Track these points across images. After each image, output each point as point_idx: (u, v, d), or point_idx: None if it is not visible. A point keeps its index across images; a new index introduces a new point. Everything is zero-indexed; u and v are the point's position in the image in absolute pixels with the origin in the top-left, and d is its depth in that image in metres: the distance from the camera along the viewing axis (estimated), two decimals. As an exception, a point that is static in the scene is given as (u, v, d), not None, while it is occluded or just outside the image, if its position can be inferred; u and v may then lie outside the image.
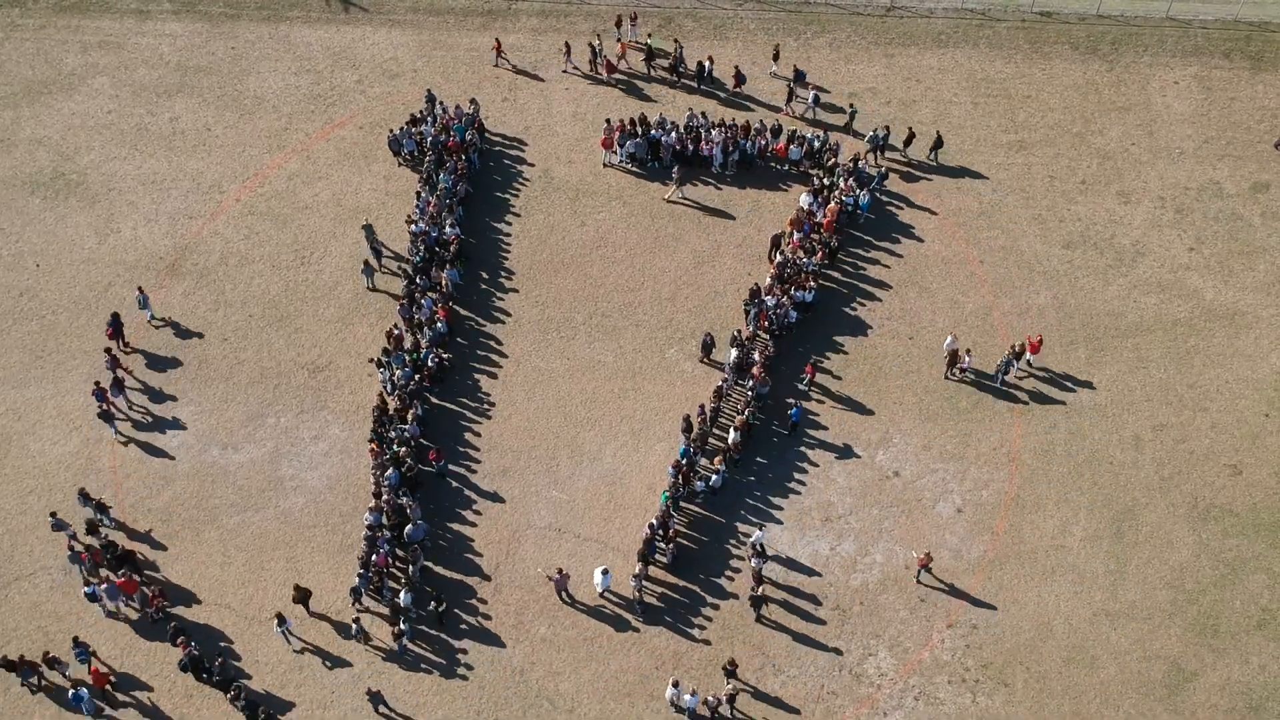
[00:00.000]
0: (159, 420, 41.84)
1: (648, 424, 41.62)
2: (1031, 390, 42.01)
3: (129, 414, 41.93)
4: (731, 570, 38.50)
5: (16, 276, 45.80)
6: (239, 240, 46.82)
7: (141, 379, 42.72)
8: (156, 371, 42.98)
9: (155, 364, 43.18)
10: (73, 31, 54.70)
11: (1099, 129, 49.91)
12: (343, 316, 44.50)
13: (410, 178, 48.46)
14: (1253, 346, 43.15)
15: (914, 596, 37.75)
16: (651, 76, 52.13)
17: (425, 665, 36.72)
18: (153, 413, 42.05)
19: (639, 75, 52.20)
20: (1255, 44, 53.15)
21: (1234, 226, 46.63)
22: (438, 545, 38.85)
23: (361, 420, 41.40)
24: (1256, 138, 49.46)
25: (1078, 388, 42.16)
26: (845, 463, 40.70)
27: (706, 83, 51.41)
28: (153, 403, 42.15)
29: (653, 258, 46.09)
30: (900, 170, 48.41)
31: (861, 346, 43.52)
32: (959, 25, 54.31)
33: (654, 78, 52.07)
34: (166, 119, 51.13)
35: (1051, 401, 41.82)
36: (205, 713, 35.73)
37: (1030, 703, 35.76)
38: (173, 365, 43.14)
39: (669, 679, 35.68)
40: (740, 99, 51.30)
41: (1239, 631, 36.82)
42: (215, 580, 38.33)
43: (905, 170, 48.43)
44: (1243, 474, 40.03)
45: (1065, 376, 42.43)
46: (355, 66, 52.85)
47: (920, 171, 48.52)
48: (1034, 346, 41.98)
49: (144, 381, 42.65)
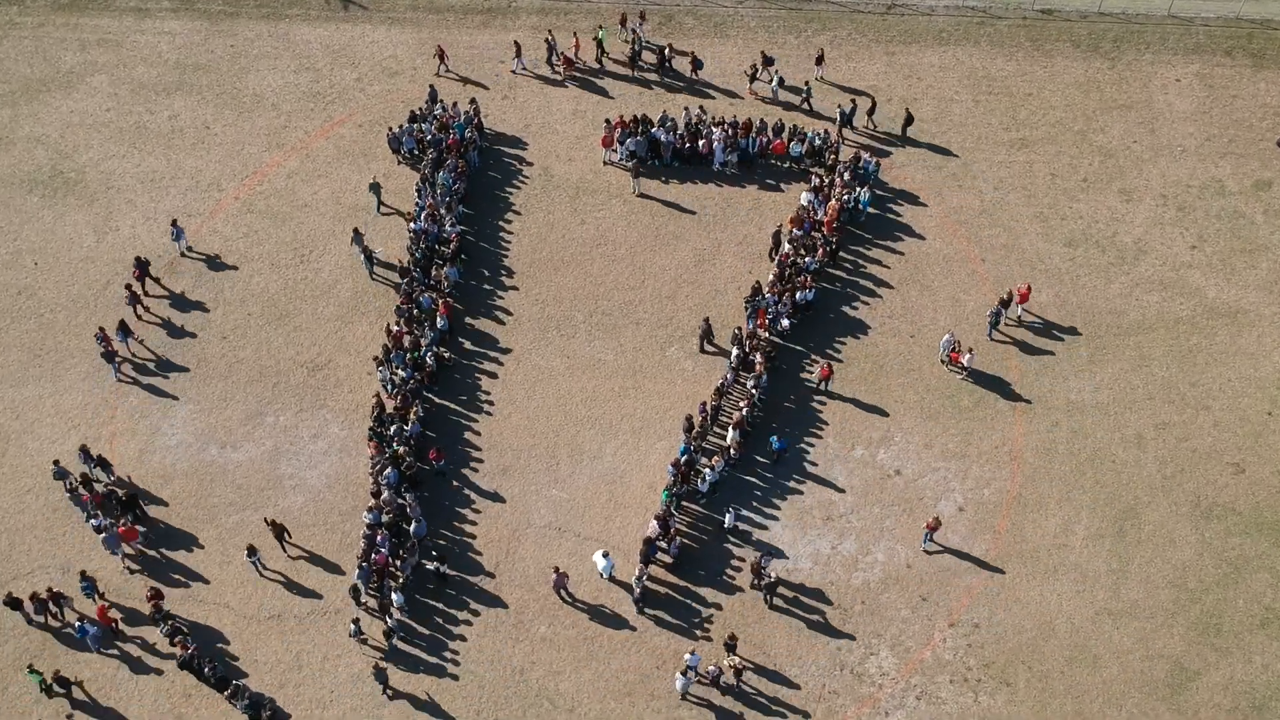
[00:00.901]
0: (163, 362, 42.53)
1: (648, 422, 41.47)
2: (1022, 341, 41.88)
3: (131, 358, 42.48)
4: (732, 569, 38.35)
5: (15, 275, 45.66)
6: (238, 238, 46.67)
7: (140, 378, 42.61)
8: (155, 370, 42.84)
9: (156, 364, 43.02)
10: (71, 29, 54.55)
11: (1101, 127, 49.77)
12: (342, 315, 44.35)
13: (410, 175, 48.29)
14: (1255, 345, 43.00)
15: (915, 595, 37.61)
16: (604, 71, 51.96)
17: (425, 664, 36.57)
18: (157, 355, 42.89)
19: (605, 72, 51.99)
20: (1257, 41, 53.02)
21: (1236, 224, 46.48)
22: (437, 544, 38.67)
23: (361, 419, 41.25)
24: (1259, 135, 49.32)
25: (1080, 386, 42.02)
26: (846, 461, 40.55)
27: (668, 73, 51.56)
28: (151, 401, 42.03)
29: (653, 256, 45.95)
30: (869, 145, 48.78)
31: (863, 345, 43.38)
32: (960, 23, 54.17)
33: (607, 72, 51.92)
34: (165, 117, 50.98)
35: (1053, 400, 41.68)
36: (204, 712, 35.59)
37: (1032, 702, 35.61)
38: (171, 363, 42.99)
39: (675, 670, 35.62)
40: (700, 85, 51.34)
41: (1242, 631, 36.68)
42: (214, 579, 38.17)
43: (876, 145, 48.76)
44: (1245, 472, 39.88)
45: (1067, 375, 42.28)
46: (354, 64, 52.70)
47: (891, 145, 48.88)
48: (1023, 295, 42.42)
49: (142, 381, 42.55)
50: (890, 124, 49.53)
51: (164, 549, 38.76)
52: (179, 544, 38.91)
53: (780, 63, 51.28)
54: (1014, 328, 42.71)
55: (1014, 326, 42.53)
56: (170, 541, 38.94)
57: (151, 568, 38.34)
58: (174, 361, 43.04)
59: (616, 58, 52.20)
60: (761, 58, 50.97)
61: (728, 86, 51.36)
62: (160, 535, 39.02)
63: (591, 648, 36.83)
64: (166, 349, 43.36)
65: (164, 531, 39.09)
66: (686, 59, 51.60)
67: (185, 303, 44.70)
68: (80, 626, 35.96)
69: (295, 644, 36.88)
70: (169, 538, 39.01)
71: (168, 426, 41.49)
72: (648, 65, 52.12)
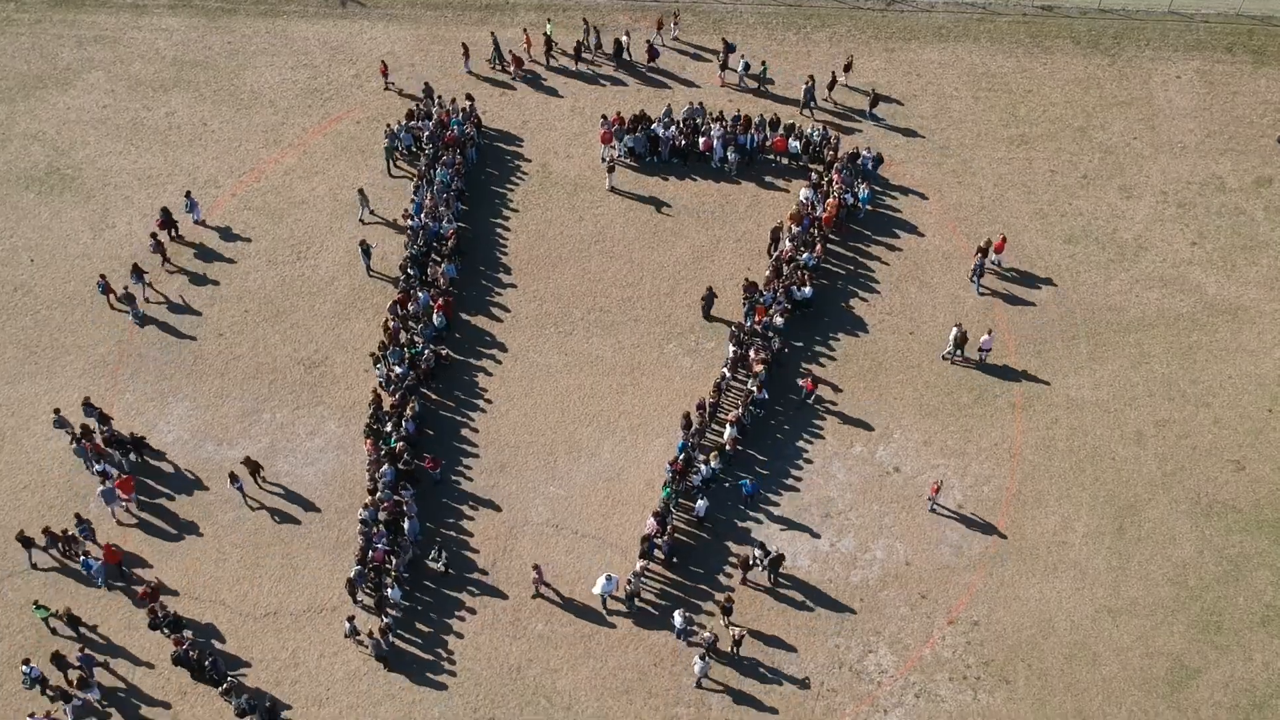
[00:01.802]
0: (160, 358, 42.85)
1: (646, 419, 41.33)
2: (1021, 338, 41.77)
3: (146, 298, 43.70)
4: (730, 567, 38.21)
5: (11, 272, 45.52)
6: (235, 235, 46.50)
7: (140, 379, 42.48)
8: (153, 369, 42.70)
9: (152, 361, 42.90)
10: (68, 26, 54.43)
11: (1101, 123, 49.62)
12: (339, 312, 44.21)
13: (395, 185, 48.12)
14: (1256, 341, 42.85)
15: (914, 593, 37.47)
16: (551, 67, 51.89)
17: (422, 661, 36.43)
18: (170, 299, 43.58)
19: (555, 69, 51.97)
20: (1258, 38, 52.87)
21: (1236, 221, 46.34)
22: (433, 540, 38.53)
23: (358, 416, 41.11)
24: (1259, 132, 49.17)
25: (1080, 383, 41.87)
26: (845, 458, 40.40)
27: (624, 65, 51.61)
28: (148, 398, 41.90)
29: (651, 253, 45.81)
30: (835, 122, 49.34)
31: (861, 341, 43.23)
32: (960, 19, 54.03)
33: (554, 68, 51.86)
34: (162, 114, 50.85)
35: (1053, 397, 41.53)
36: (199, 710, 35.45)
37: (1032, 700, 35.46)
38: (168, 361, 42.85)
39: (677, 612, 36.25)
40: (656, 74, 51.38)
41: (1242, 628, 36.52)
42: (210, 577, 38.04)
43: (842, 123, 49.34)
44: (1246, 470, 39.73)
45: (1067, 371, 42.14)
46: (352, 61, 52.56)
47: (856, 121, 49.45)
48: (998, 246, 43.67)
49: (140, 377, 42.44)
50: (857, 100, 49.96)
51: (164, 544, 38.65)
52: (175, 540, 38.77)
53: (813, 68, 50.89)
54: (1020, 330, 42.54)
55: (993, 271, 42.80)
56: (166, 538, 38.81)
57: (144, 526, 38.96)
58: (171, 358, 42.89)
59: (567, 50, 52.02)
60: (723, 44, 51.04)
61: (686, 76, 51.60)
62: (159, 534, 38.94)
63: (589, 645, 36.68)
64: (163, 345, 43.21)
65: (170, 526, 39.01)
66: (644, 48, 51.59)
67: (182, 300, 44.56)
68: (85, 560, 37.07)
69: (291, 641, 36.75)
70: (164, 536, 38.90)
71: (164, 423, 41.35)
72: (603, 58, 52.08)
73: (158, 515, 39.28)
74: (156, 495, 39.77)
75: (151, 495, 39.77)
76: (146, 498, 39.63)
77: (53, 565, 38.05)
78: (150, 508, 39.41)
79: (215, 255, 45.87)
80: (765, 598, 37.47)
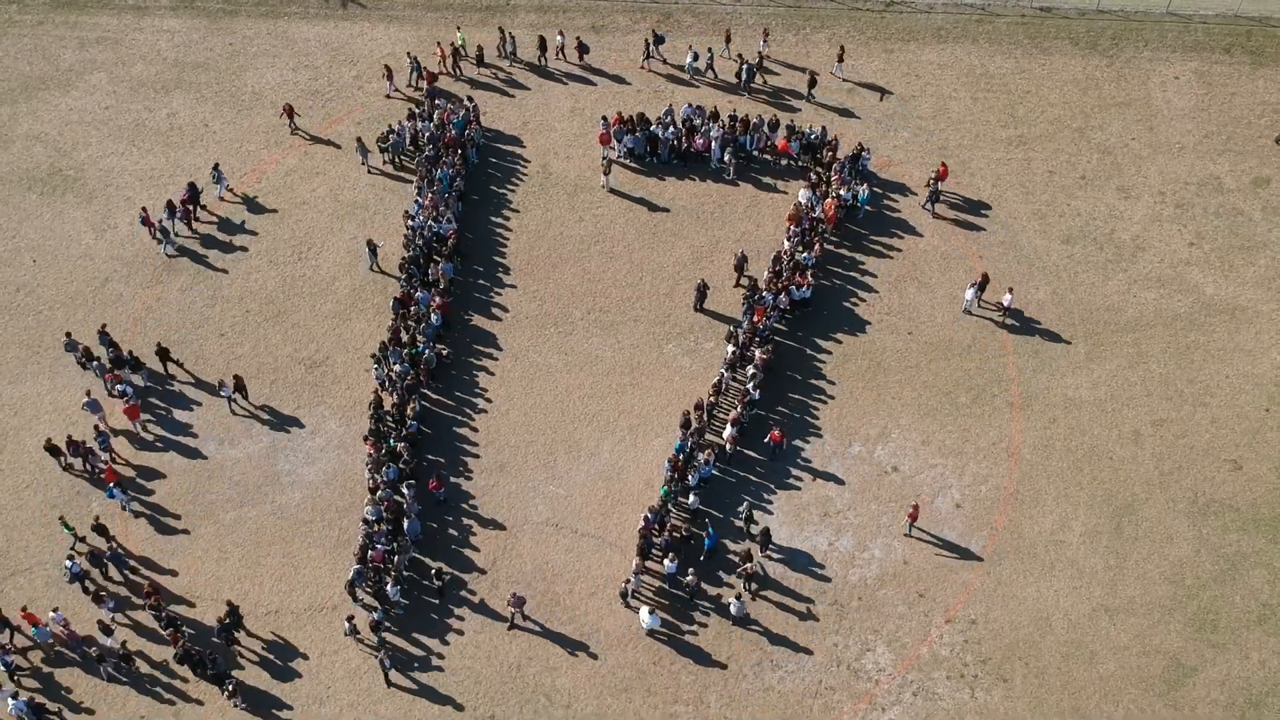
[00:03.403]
0: (178, 307, 44.18)
1: (646, 419, 41.49)
2: (1019, 338, 41.90)
3: (175, 237, 45.87)
4: (728, 565, 38.35)
5: (13, 272, 45.72)
6: (236, 235, 46.69)
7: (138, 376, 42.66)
8: (153, 370, 42.90)
9: (154, 361, 43.07)
10: (70, 27, 54.63)
11: (1099, 124, 49.76)
12: (340, 312, 44.39)
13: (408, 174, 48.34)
14: (1253, 341, 42.99)
15: (912, 591, 37.62)
16: (460, 77, 51.46)
17: (421, 660, 36.59)
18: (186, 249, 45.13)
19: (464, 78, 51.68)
20: (1256, 39, 53.00)
21: (1234, 221, 46.48)
22: (433, 540, 38.72)
23: (358, 415, 41.29)
24: (1257, 133, 49.31)
25: (1077, 383, 42.02)
26: (843, 458, 40.55)
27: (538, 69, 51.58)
28: (152, 398, 42.08)
29: (651, 253, 45.97)
30: (775, 105, 49.95)
31: (860, 341, 43.38)
32: (958, 20, 54.18)
33: (463, 78, 51.42)
34: (164, 115, 51.04)
35: (1051, 396, 41.68)
36: (200, 709, 35.62)
37: (1029, 698, 35.61)
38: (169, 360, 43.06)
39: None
40: (590, 72, 51.67)
41: (1239, 627, 36.66)
42: (211, 576, 38.22)
43: (783, 104, 49.94)
44: (1243, 469, 39.87)
45: (1065, 371, 42.29)
46: (353, 62, 52.73)
47: (795, 104, 50.17)
48: (941, 174, 46.02)
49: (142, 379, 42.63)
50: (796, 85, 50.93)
51: (165, 543, 38.84)
52: (176, 540, 38.95)
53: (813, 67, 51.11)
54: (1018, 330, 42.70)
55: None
56: (167, 537, 38.99)
57: (145, 524, 39.04)
58: (172, 357, 43.05)
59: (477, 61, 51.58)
60: (652, 35, 51.45)
61: (617, 72, 51.82)
62: (160, 534, 39.12)
63: (588, 644, 36.84)
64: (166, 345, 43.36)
65: (171, 525, 39.20)
66: (574, 47, 51.75)
67: (183, 299, 44.74)
68: (101, 479, 39.60)
69: (292, 640, 36.91)
70: (166, 534, 39.08)
71: (166, 423, 41.51)
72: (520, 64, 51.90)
73: (159, 514, 39.45)
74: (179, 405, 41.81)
75: (173, 405, 41.73)
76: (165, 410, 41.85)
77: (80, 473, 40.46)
78: (151, 506, 39.60)
79: (217, 255, 46.06)
80: (765, 592, 37.62)
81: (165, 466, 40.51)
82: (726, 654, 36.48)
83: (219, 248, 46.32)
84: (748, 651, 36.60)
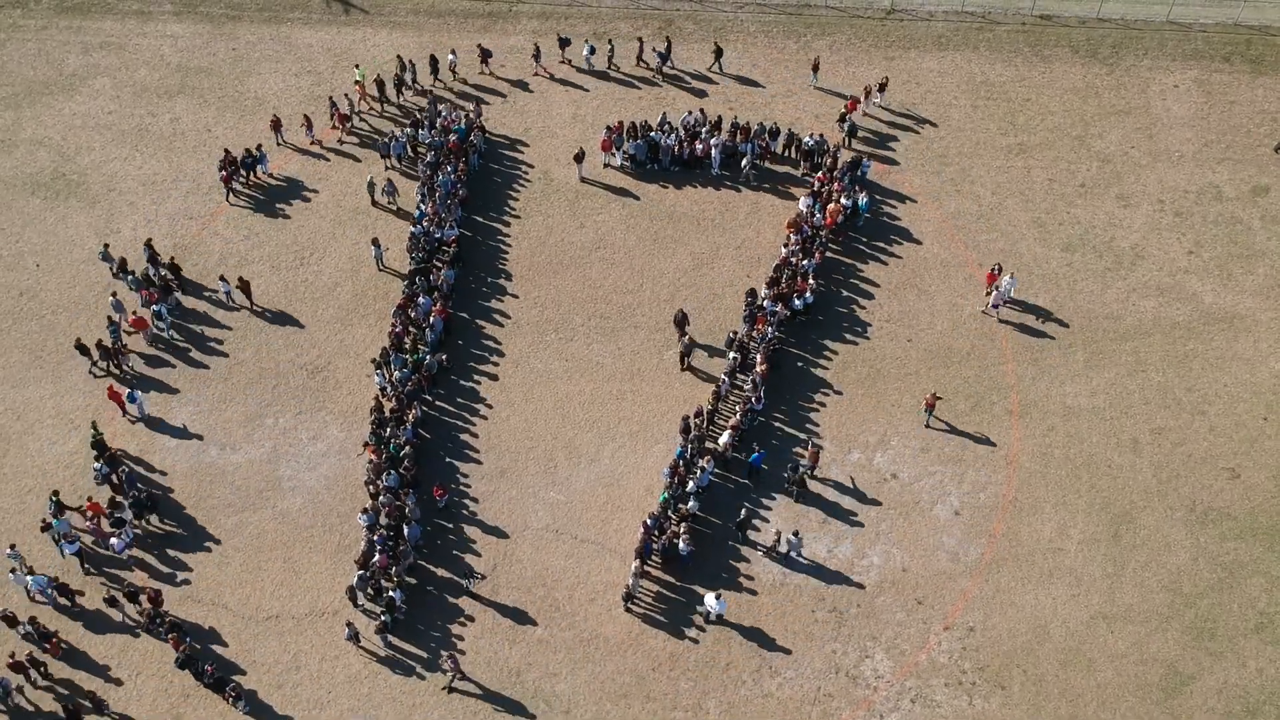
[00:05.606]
0: (163, 363, 43.72)
1: (646, 425, 41.63)
2: (1018, 346, 42.04)
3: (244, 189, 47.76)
4: (727, 570, 38.48)
5: (16, 276, 45.89)
6: (238, 241, 46.88)
7: (140, 374, 42.83)
8: (155, 371, 43.05)
9: (154, 364, 43.26)
10: (74, 32, 54.83)
11: (1099, 132, 49.91)
12: (341, 317, 44.55)
13: (408, 178, 48.49)
14: (1251, 350, 43.12)
15: (911, 599, 37.74)
16: (384, 113, 51.04)
17: (421, 666, 36.72)
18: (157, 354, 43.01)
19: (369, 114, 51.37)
20: (1255, 47, 53.15)
21: (1233, 230, 46.61)
22: (433, 546, 38.85)
23: (360, 421, 41.44)
24: (1256, 141, 49.45)
25: (1076, 391, 42.15)
26: (843, 465, 40.68)
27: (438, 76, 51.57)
28: (152, 402, 42.22)
29: (651, 260, 46.13)
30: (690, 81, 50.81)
31: (860, 349, 43.53)
32: (959, 28, 54.35)
33: (386, 114, 51.06)
34: (167, 120, 51.23)
35: (1049, 404, 41.81)
36: (202, 712, 35.76)
37: (1027, 705, 35.72)
38: (171, 366, 43.20)
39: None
40: (495, 77, 52.23)
41: (1236, 635, 36.77)
42: (212, 580, 38.36)
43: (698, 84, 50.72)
44: (1241, 478, 39.99)
45: (1063, 379, 42.42)
46: (356, 68, 52.85)
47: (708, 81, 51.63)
48: (850, 106, 48.98)
49: (144, 379, 42.78)
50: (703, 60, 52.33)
51: (166, 549, 38.98)
52: (177, 544, 39.09)
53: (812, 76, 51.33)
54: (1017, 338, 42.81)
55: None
56: (168, 542, 39.13)
57: (146, 530, 39.21)
58: (174, 363, 43.24)
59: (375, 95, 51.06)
60: (557, 40, 52.04)
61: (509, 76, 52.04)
62: (161, 539, 39.27)
63: (587, 650, 36.97)
64: (166, 350, 43.53)
65: (172, 530, 39.31)
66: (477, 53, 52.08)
67: (185, 304, 44.90)
68: (130, 393, 41.46)
69: (293, 645, 37.05)
70: (167, 539, 39.21)
71: (167, 428, 41.67)
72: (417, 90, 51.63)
73: (160, 519, 39.59)
74: (180, 405, 42.48)
75: (174, 405, 42.37)
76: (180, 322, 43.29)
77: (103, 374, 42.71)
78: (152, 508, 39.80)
79: (218, 260, 46.22)
80: (764, 599, 37.75)
81: (167, 470, 40.63)
82: (725, 660, 36.60)
83: (221, 253, 46.49)
84: (747, 658, 36.73)
